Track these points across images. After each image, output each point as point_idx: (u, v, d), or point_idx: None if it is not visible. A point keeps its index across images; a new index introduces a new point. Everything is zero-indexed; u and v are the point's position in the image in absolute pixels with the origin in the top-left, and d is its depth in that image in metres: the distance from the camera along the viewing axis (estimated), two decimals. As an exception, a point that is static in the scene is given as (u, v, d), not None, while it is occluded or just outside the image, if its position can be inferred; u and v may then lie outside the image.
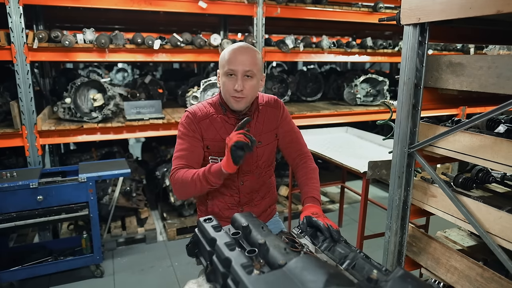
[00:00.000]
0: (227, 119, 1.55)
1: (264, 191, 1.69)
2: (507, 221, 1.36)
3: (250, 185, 1.61)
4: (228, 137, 1.37)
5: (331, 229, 1.14)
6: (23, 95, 2.84)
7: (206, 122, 1.53)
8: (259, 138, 1.58)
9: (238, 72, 1.43)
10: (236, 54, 1.44)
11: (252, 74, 1.46)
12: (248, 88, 1.46)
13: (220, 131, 1.53)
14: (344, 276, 0.72)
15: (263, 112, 1.61)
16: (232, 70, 1.43)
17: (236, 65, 1.43)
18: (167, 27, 5.48)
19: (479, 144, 1.43)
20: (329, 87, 5.03)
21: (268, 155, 1.63)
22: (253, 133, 1.56)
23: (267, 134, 1.61)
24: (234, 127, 1.51)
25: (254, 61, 1.46)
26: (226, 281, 0.76)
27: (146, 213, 3.69)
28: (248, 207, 1.65)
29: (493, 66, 1.34)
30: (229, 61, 1.44)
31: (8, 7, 2.67)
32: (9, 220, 2.51)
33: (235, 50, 1.46)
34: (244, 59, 1.43)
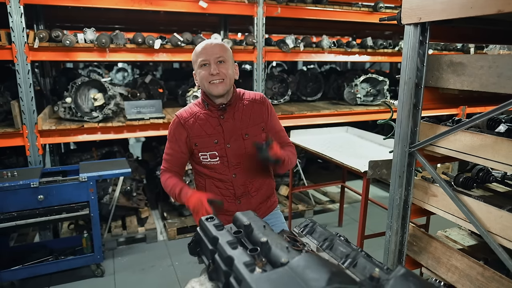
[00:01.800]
0: (210, 113, 1.63)
1: (259, 182, 1.73)
2: (507, 220, 1.36)
3: (242, 177, 1.67)
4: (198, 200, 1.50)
5: (263, 148, 1.47)
6: (24, 94, 2.84)
7: (191, 120, 1.64)
8: (246, 131, 1.65)
9: (210, 60, 1.56)
10: (204, 47, 1.57)
11: (224, 60, 1.57)
12: (223, 71, 1.56)
13: (205, 126, 1.62)
14: (346, 274, 0.73)
15: (250, 106, 1.68)
16: (204, 60, 1.56)
17: (207, 55, 1.56)
18: (167, 27, 5.48)
19: (480, 143, 1.43)
20: (329, 87, 5.03)
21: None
22: (240, 125, 1.64)
23: (254, 127, 1.67)
24: (217, 120, 1.62)
25: (223, 49, 1.59)
26: (229, 279, 0.76)
27: (147, 212, 3.69)
28: (245, 199, 1.70)
29: (494, 65, 1.34)
30: (200, 54, 1.57)
31: (9, 7, 2.67)
32: (10, 219, 2.52)
33: (203, 45, 1.59)
34: (213, 49, 1.56)
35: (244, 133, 1.64)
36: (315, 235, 1.10)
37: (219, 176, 1.66)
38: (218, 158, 1.63)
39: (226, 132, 1.62)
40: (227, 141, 1.62)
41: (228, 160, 1.64)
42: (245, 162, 1.66)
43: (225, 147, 1.63)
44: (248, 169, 1.68)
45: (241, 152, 1.65)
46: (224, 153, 1.63)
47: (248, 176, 1.68)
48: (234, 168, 1.65)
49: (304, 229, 1.14)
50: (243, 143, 1.64)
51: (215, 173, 1.66)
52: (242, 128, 1.64)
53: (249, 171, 1.68)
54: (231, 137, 1.63)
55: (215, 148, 1.63)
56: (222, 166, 1.65)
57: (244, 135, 1.64)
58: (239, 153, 1.64)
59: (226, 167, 1.64)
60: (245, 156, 1.65)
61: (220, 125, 1.62)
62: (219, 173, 1.66)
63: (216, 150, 1.63)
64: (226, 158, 1.64)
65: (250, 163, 1.67)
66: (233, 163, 1.64)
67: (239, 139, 1.64)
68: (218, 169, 1.65)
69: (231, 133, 1.63)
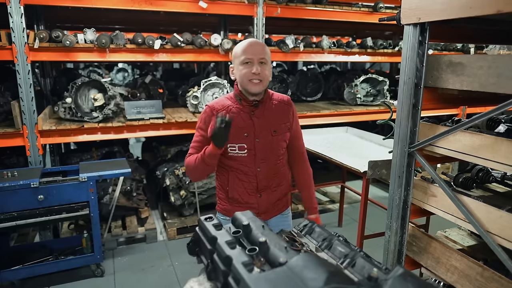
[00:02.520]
0: (242, 108, 1.70)
1: (280, 178, 1.81)
2: (507, 220, 1.36)
3: (266, 171, 1.74)
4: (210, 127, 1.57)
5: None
6: (24, 95, 2.85)
7: (223, 113, 1.67)
8: (274, 127, 1.73)
9: (254, 59, 1.62)
10: (251, 45, 1.64)
11: (265, 61, 1.65)
12: (264, 72, 1.64)
13: (236, 119, 1.67)
14: (344, 274, 0.73)
15: (278, 106, 1.77)
16: (248, 58, 1.62)
17: (251, 54, 1.62)
18: (167, 27, 5.48)
19: (479, 143, 1.43)
20: (329, 87, 5.03)
21: (282, 144, 1.78)
22: (270, 122, 1.72)
23: (282, 126, 1.76)
24: (248, 115, 1.69)
25: (266, 50, 1.67)
26: (227, 279, 0.76)
27: (147, 212, 3.69)
28: (265, 193, 1.77)
29: (493, 65, 1.34)
30: (244, 51, 1.63)
31: (9, 7, 2.68)
32: (10, 219, 2.52)
33: (249, 43, 1.65)
34: (258, 49, 1.64)
35: (273, 130, 1.72)
36: (314, 235, 1.10)
37: (244, 168, 1.72)
38: (246, 151, 1.70)
39: (257, 127, 1.69)
40: (257, 136, 1.70)
41: (256, 154, 1.70)
42: (270, 157, 1.74)
43: (254, 141, 1.70)
44: (273, 164, 1.75)
45: (269, 147, 1.72)
46: (252, 146, 1.70)
47: (271, 171, 1.76)
48: (260, 162, 1.72)
49: (303, 229, 1.14)
50: (272, 139, 1.72)
51: (240, 165, 1.72)
52: (271, 125, 1.72)
53: (273, 167, 1.76)
54: (261, 132, 1.70)
55: (244, 141, 1.69)
56: (248, 159, 1.71)
57: (273, 132, 1.72)
58: (266, 148, 1.72)
59: (253, 160, 1.71)
60: (271, 151, 1.73)
61: (251, 120, 1.69)
62: (245, 166, 1.71)
63: (246, 143, 1.69)
64: (254, 152, 1.70)
65: (275, 159, 1.75)
66: (259, 157, 1.71)
67: (268, 135, 1.71)
68: (244, 162, 1.71)
69: (261, 128, 1.70)
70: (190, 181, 3.58)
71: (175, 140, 4.28)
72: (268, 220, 1.83)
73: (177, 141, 4.28)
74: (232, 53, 1.69)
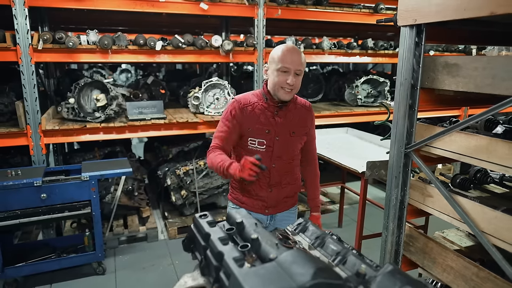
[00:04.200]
0: (266, 107, 1.78)
1: (291, 177, 1.89)
2: (501, 221, 1.37)
3: (280, 168, 1.83)
4: (244, 162, 1.56)
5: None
6: (28, 95, 2.89)
7: (249, 108, 1.79)
8: (293, 129, 1.82)
9: (291, 70, 1.68)
10: (290, 54, 1.69)
11: (300, 73, 1.72)
12: (297, 83, 1.72)
13: (260, 117, 1.77)
14: (332, 270, 0.75)
15: (300, 110, 1.86)
16: (286, 68, 1.68)
17: (290, 63, 1.68)
18: (170, 29, 5.52)
19: (475, 144, 1.44)
20: (330, 88, 5.04)
21: (297, 145, 1.87)
22: (290, 124, 1.81)
23: (300, 128, 1.85)
24: (272, 114, 1.78)
25: (303, 61, 1.73)
26: (219, 274, 0.78)
27: (148, 212, 3.72)
28: (276, 189, 1.85)
29: (488, 67, 1.36)
30: (283, 60, 1.68)
31: (14, 9, 2.72)
32: (14, 217, 2.56)
33: (289, 50, 1.70)
34: (297, 59, 1.69)
35: (291, 131, 1.81)
36: (308, 234, 1.12)
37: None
38: (265, 146, 1.78)
39: (279, 126, 1.78)
40: (277, 134, 1.78)
41: (273, 151, 1.79)
42: (285, 156, 1.83)
43: (274, 139, 1.78)
44: (287, 163, 1.84)
45: (286, 146, 1.81)
46: (271, 143, 1.78)
47: (284, 169, 1.84)
48: (276, 158, 1.80)
49: (297, 228, 1.16)
50: (290, 139, 1.82)
51: None
52: (291, 126, 1.81)
53: (286, 165, 1.85)
54: (281, 131, 1.79)
55: (265, 137, 1.78)
56: (266, 154, 1.78)
57: (292, 133, 1.82)
58: (284, 146, 1.81)
59: (269, 157, 1.79)
60: (287, 150, 1.82)
61: (274, 119, 1.78)
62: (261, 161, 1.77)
63: (266, 139, 1.78)
64: (272, 148, 1.79)
65: (288, 158, 1.84)
66: (276, 154, 1.80)
67: (287, 135, 1.80)
68: (262, 156, 1.73)
69: (282, 128, 1.79)
70: (191, 181, 3.61)
71: (176, 141, 4.31)
72: (275, 215, 1.92)
73: (179, 141, 4.31)
74: (270, 55, 1.74)
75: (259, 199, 1.86)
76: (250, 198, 1.87)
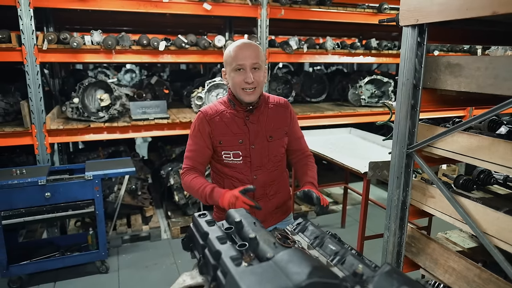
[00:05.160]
0: (236, 113, 1.63)
1: (277, 186, 1.72)
2: (504, 222, 1.36)
3: (262, 179, 1.66)
4: (236, 201, 1.45)
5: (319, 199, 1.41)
6: (33, 95, 2.92)
7: (217, 118, 1.62)
8: (271, 133, 1.66)
9: (246, 66, 1.52)
10: (242, 50, 1.53)
11: (259, 66, 1.55)
12: (257, 79, 1.54)
13: (230, 125, 1.62)
14: (328, 269, 0.75)
15: (274, 110, 1.69)
16: (240, 65, 1.52)
17: (243, 59, 1.52)
18: (174, 29, 5.55)
19: (477, 144, 1.43)
20: (334, 88, 5.03)
21: (278, 149, 1.70)
22: (265, 128, 1.64)
23: (278, 130, 1.68)
24: (243, 121, 1.61)
25: (258, 54, 1.55)
26: (216, 273, 0.79)
27: (151, 211, 3.74)
28: (262, 201, 1.67)
29: (490, 67, 1.35)
30: (235, 57, 1.53)
31: (19, 10, 2.75)
32: (18, 215, 2.59)
33: (240, 46, 1.54)
34: (250, 53, 1.52)
35: (268, 135, 1.64)
36: (307, 233, 1.12)
37: (240, 176, 1.64)
38: (241, 158, 1.62)
39: (252, 133, 1.62)
40: (252, 142, 1.62)
41: (251, 161, 1.63)
42: (267, 164, 1.66)
43: (249, 148, 1.62)
44: (270, 171, 1.67)
45: (265, 154, 1.65)
46: (248, 153, 1.62)
47: (268, 179, 1.68)
48: (255, 169, 1.64)
49: (297, 227, 1.17)
50: (267, 144, 1.64)
51: (235, 173, 1.64)
52: (267, 131, 1.64)
53: (270, 174, 1.68)
54: (256, 138, 1.63)
55: (239, 148, 1.62)
56: (244, 166, 1.63)
57: (269, 137, 1.64)
58: (262, 154, 1.64)
59: (248, 168, 1.63)
60: (268, 158, 1.66)
61: (246, 126, 1.62)
62: (240, 173, 1.64)
63: (240, 150, 1.62)
64: (249, 159, 1.63)
65: (272, 166, 1.67)
66: (255, 164, 1.64)
67: (263, 140, 1.64)
68: (240, 169, 1.64)
69: (257, 134, 1.63)
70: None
71: (180, 140, 4.33)
72: (268, 228, 1.76)
73: (182, 141, 4.33)
74: (223, 57, 1.61)
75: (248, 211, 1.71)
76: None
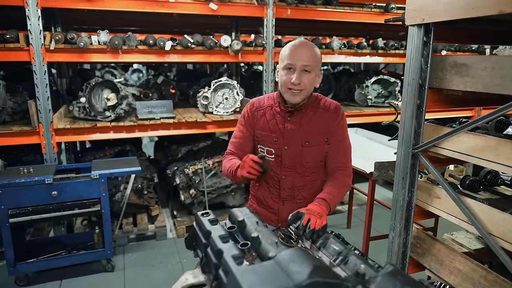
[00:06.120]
0: (279, 111, 1.63)
1: (307, 191, 1.67)
2: (510, 223, 1.34)
3: (291, 180, 1.65)
4: (245, 159, 1.49)
5: (305, 226, 1.20)
6: (40, 94, 2.95)
7: (260, 112, 1.66)
8: (308, 138, 1.61)
9: (296, 66, 1.50)
10: (296, 49, 1.52)
11: (310, 69, 1.52)
12: (305, 82, 1.52)
13: (270, 122, 1.63)
14: (329, 269, 0.75)
15: (319, 114, 1.63)
16: (291, 64, 1.51)
17: (295, 59, 1.50)
18: (181, 29, 5.57)
19: (483, 145, 1.42)
20: (340, 88, 5.01)
21: (314, 156, 1.64)
22: (304, 131, 1.60)
23: (317, 136, 1.62)
24: (283, 120, 1.61)
25: (312, 56, 1.52)
26: (218, 271, 0.79)
27: (157, 210, 3.76)
28: (289, 202, 1.67)
29: (497, 66, 1.33)
30: (288, 56, 1.52)
31: (27, 10, 2.79)
32: (26, 214, 2.62)
33: (295, 45, 1.53)
34: (303, 54, 1.50)
35: (304, 140, 1.60)
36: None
37: (271, 172, 1.65)
38: (273, 156, 1.63)
39: (287, 134, 1.60)
40: (286, 143, 1.61)
41: (282, 161, 1.62)
42: (298, 168, 1.63)
43: (282, 148, 1.61)
44: (300, 175, 1.64)
45: (297, 157, 1.62)
46: (280, 153, 1.62)
47: (297, 182, 1.65)
48: (286, 170, 1.63)
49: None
50: (301, 149, 1.61)
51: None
52: (305, 135, 1.60)
53: (300, 178, 1.64)
54: (291, 140, 1.60)
55: (273, 146, 1.63)
56: (275, 164, 1.64)
57: (304, 142, 1.60)
58: (294, 157, 1.62)
59: (279, 167, 1.63)
60: (300, 162, 1.62)
61: (284, 125, 1.61)
62: (271, 170, 1.64)
63: (274, 148, 1.63)
64: (280, 159, 1.62)
65: (303, 171, 1.64)
66: (286, 165, 1.63)
67: (298, 144, 1.61)
68: (271, 166, 1.64)
69: (292, 136, 1.60)
70: (200, 180, 3.63)
71: (185, 140, 4.35)
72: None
73: (188, 140, 4.35)
74: (280, 53, 1.60)
75: (271, 211, 1.71)
76: (263, 209, 1.74)
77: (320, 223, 1.22)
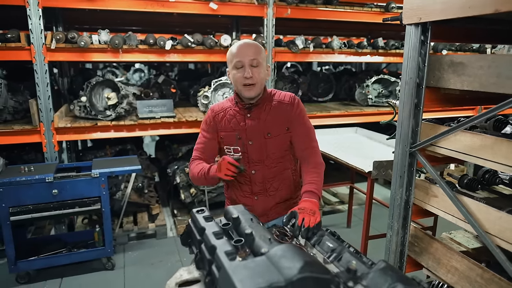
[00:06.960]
0: (238, 110, 1.70)
1: (278, 182, 1.74)
2: (506, 221, 1.34)
3: (261, 174, 1.71)
4: (221, 161, 1.56)
5: (300, 226, 1.24)
6: (42, 93, 2.97)
7: (221, 115, 1.73)
8: (269, 130, 1.68)
9: (245, 62, 1.59)
10: (241, 47, 1.61)
11: (258, 63, 1.61)
12: (256, 75, 1.60)
13: (231, 122, 1.70)
14: (320, 264, 0.75)
15: (276, 106, 1.70)
16: (239, 62, 1.60)
17: (242, 56, 1.59)
18: (182, 28, 5.58)
19: (480, 144, 1.42)
20: (341, 87, 5.01)
21: (278, 146, 1.70)
22: (264, 124, 1.67)
23: (277, 127, 1.69)
24: (243, 118, 1.68)
25: (257, 51, 1.62)
26: (211, 267, 0.80)
27: (157, 209, 3.78)
28: (262, 196, 1.73)
29: (493, 65, 1.33)
30: (236, 55, 1.61)
31: (29, 10, 2.80)
32: (26, 212, 2.64)
33: (240, 45, 1.63)
34: (249, 50, 1.60)
35: (266, 132, 1.67)
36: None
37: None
38: (240, 154, 1.70)
39: (249, 129, 1.67)
40: (249, 138, 1.68)
41: (249, 156, 1.69)
42: (265, 160, 1.70)
43: (247, 144, 1.68)
44: (269, 167, 1.71)
45: (263, 150, 1.69)
46: (246, 149, 1.69)
47: (268, 175, 1.71)
48: (254, 164, 1.70)
49: (295, 225, 1.17)
50: (265, 141, 1.68)
51: None
52: (265, 128, 1.67)
53: (269, 170, 1.71)
54: (253, 134, 1.68)
55: (238, 144, 1.69)
56: (243, 161, 1.70)
57: (266, 134, 1.67)
58: (260, 150, 1.69)
59: (247, 163, 1.70)
60: (266, 154, 1.69)
61: (244, 122, 1.68)
62: None
63: (239, 145, 1.69)
64: (247, 154, 1.70)
65: (271, 162, 1.71)
66: (253, 160, 1.70)
67: (260, 137, 1.68)
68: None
69: (253, 131, 1.67)
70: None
71: (186, 139, 4.36)
72: (268, 223, 1.77)
73: (189, 139, 4.36)
74: (226, 57, 1.68)
75: (246, 208, 1.75)
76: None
77: (314, 221, 1.25)
